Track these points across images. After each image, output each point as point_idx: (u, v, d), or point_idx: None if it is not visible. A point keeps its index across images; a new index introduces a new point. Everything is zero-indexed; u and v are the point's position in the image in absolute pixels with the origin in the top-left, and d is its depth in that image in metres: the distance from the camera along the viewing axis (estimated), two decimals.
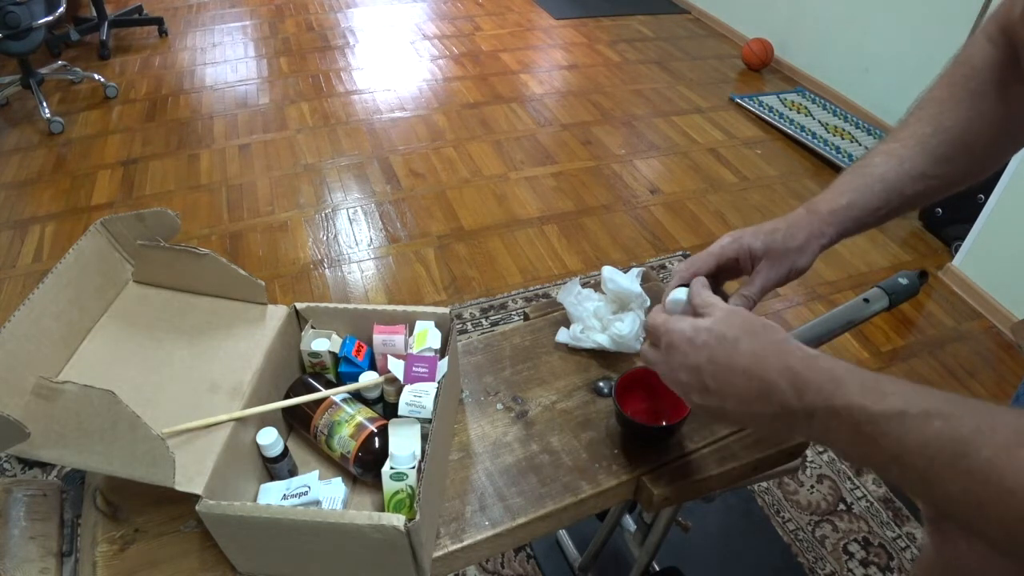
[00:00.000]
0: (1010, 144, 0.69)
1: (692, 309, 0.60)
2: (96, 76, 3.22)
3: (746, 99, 3.34)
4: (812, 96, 3.40)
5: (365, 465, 0.71)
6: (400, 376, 0.72)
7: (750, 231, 0.69)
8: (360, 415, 0.73)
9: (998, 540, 0.40)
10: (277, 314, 0.80)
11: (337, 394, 0.75)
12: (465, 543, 0.69)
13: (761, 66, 3.66)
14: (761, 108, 3.25)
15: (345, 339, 0.81)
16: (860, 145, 2.96)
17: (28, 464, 1.60)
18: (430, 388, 0.70)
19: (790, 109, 3.26)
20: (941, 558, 0.98)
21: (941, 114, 0.68)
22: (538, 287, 2.20)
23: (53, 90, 3.25)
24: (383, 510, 0.66)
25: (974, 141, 0.67)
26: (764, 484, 1.65)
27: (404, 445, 0.66)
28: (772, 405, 0.49)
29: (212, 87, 3.33)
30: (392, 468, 0.65)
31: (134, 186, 2.61)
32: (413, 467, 0.65)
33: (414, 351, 0.74)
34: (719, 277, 0.71)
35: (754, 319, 0.55)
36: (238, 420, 0.68)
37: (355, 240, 2.37)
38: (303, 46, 3.76)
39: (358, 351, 0.79)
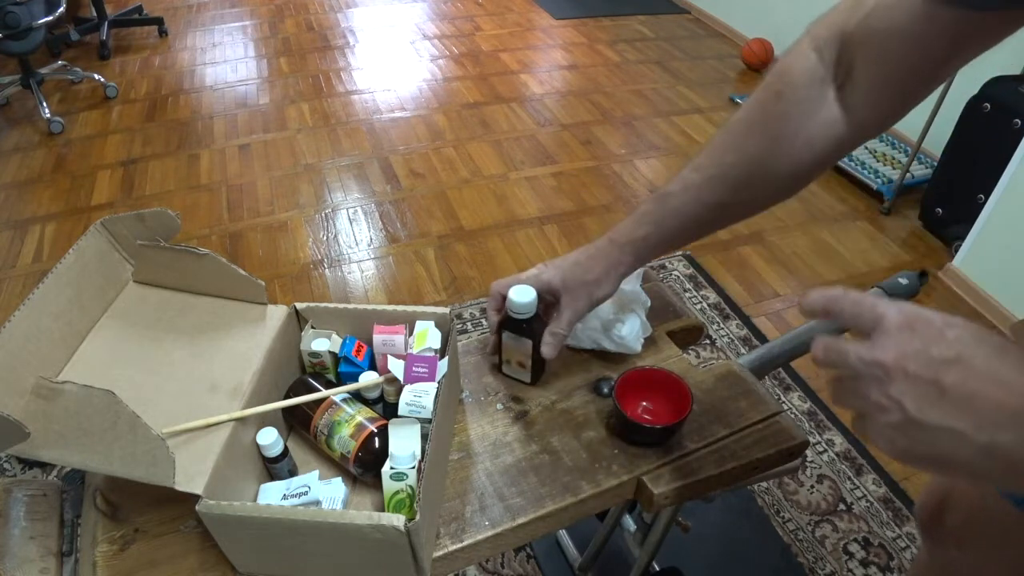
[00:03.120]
0: (816, 167, 0.66)
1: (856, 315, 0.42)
2: (96, 76, 3.22)
3: (746, 99, 3.33)
4: None
5: (365, 465, 0.71)
6: (400, 376, 0.72)
7: (555, 264, 0.76)
8: (360, 415, 0.73)
9: None
10: (277, 314, 0.80)
11: (337, 394, 0.75)
12: (465, 543, 0.69)
13: (761, 66, 3.66)
14: None
15: (345, 339, 0.81)
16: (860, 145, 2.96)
17: (28, 464, 1.60)
18: (430, 388, 0.70)
19: None
20: (934, 563, 0.98)
21: (745, 141, 0.67)
22: None
23: (53, 90, 3.25)
24: (383, 510, 0.66)
25: (776, 167, 0.65)
26: (764, 484, 1.65)
27: (404, 445, 0.66)
28: None
29: (212, 87, 3.33)
30: (392, 468, 0.65)
31: (134, 186, 2.61)
32: (413, 467, 0.65)
33: (414, 351, 0.74)
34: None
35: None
36: (238, 420, 0.68)
37: (355, 240, 2.37)
38: (303, 46, 3.76)
39: (358, 351, 0.79)
